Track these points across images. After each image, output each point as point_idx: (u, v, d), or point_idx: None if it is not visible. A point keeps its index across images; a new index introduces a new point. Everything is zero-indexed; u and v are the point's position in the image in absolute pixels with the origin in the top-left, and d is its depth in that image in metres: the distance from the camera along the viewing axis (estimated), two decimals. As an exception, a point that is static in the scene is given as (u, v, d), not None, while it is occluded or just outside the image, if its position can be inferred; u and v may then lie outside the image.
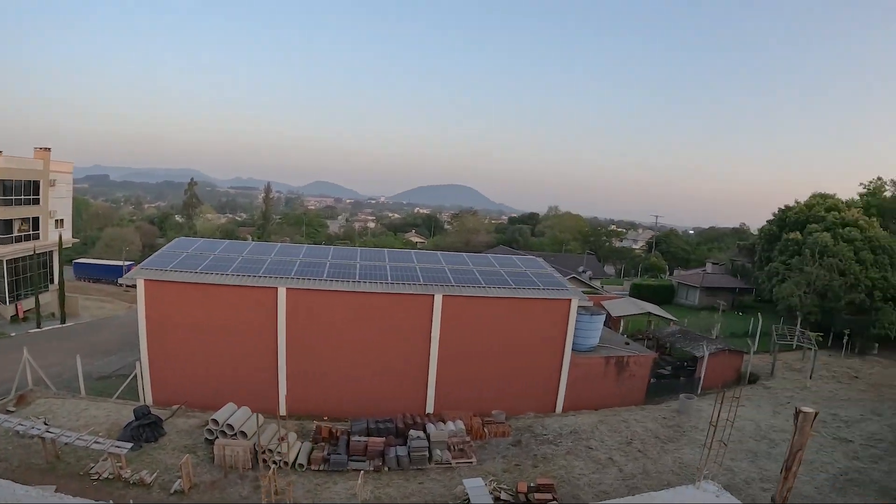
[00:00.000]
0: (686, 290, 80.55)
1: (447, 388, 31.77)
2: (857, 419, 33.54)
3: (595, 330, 36.35)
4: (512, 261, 39.78)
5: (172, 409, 28.27)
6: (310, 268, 32.48)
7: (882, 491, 24.39)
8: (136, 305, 29.89)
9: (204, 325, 29.35)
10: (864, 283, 51.72)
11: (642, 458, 26.49)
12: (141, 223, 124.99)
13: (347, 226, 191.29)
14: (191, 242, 36.06)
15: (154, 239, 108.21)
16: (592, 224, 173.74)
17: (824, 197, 65.91)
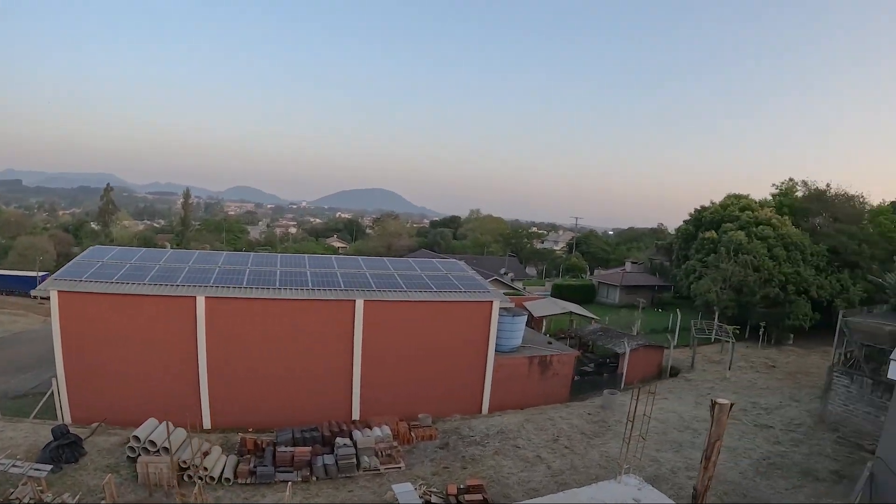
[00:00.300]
0: (606, 289, 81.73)
1: (372, 393, 30.92)
2: (777, 406, 34.22)
3: (517, 331, 36.03)
4: (433, 264, 39.26)
5: (92, 427, 26.46)
6: (229, 275, 31.18)
7: (804, 472, 24.79)
8: (50, 318, 28.12)
9: (121, 338, 27.65)
10: (778, 277, 53.09)
11: (569, 454, 26.28)
12: (55, 231, 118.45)
13: (268, 231, 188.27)
14: (106, 251, 34.20)
15: (69, 248, 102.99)
16: (514, 226, 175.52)
17: (738, 197, 67.64)
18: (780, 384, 39.65)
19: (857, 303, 51.23)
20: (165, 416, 24.60)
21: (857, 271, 56.21)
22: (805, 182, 69.96)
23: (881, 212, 65.49)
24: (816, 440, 28.71)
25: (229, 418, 28.72)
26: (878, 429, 26.34)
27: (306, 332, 29.79)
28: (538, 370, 35.22)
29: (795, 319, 52.49)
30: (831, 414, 31.09)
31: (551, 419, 30.93)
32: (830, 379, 31.56)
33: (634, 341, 41.83)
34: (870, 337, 30.79)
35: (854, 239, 57.56)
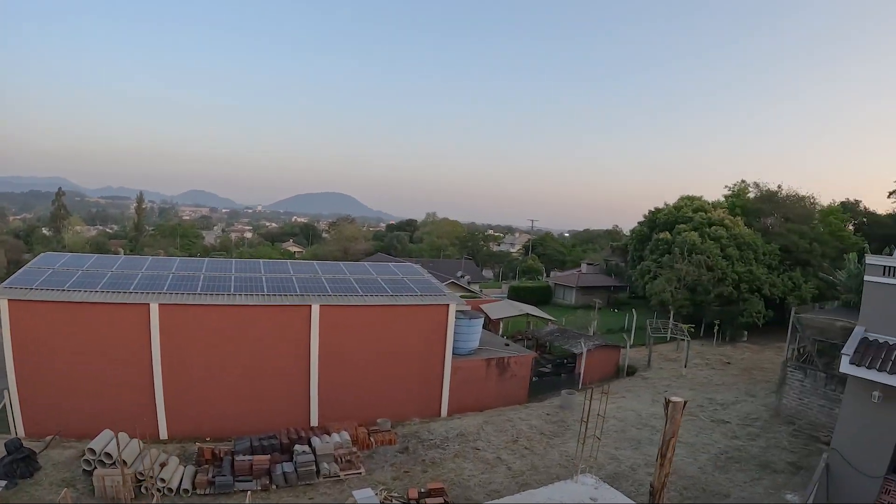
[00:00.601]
0: (563, 290, 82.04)
1: (330, 399, 30.35)
2: (733, 401, 34.48)
3: (474, 333, 35.83)
4: (389, 268, 38.89)
5: (46, 440, 25.34)
6: (183, 281, 30.32)
7: (761, 465, 24.98)
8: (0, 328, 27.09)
9: (74, 347, 26.60)
10: (731, 276, 53.92)
11: (530, 455, 26.07)
12: (5, 237, 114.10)
13: (224, 236, 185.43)
14: (58, 258, 33.06)
15: (21, 254, 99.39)
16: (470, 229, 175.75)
17: (692, 199, 68.44)
18: (735, 380, 40.03)
19: (809, 300, 52.20)
20: (121, 426, 23.78)
21: (808, 269, 57.35)
22: (757, 183, 71.38)
23: (831, 212, 66.94)
24: (773, 433, 28.95)
25: (186, 428, 27.90)
26: (832, 421, 26.68)
27: (262, 339, 29.14)
28: (496, 372, 35.01)
29: (749, 317, 53.35)
30: (786, 408, 31.44)
31: (510, 420, 30.72)
32: (785, 374, 31.91)
33: (591, 341, 41.85)
34: (821, 332, 31.21)
35: (805, 238, 58.68)
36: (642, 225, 72.12)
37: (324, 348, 29.97)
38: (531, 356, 37.44)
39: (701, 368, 43.71)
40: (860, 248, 53.59)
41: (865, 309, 20.93)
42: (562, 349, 43.79)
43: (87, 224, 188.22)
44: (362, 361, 31.01)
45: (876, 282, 20.45)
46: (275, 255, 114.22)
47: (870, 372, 18.95)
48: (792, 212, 64.13)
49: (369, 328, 31.21)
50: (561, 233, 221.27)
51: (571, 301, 77.76)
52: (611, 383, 39.26)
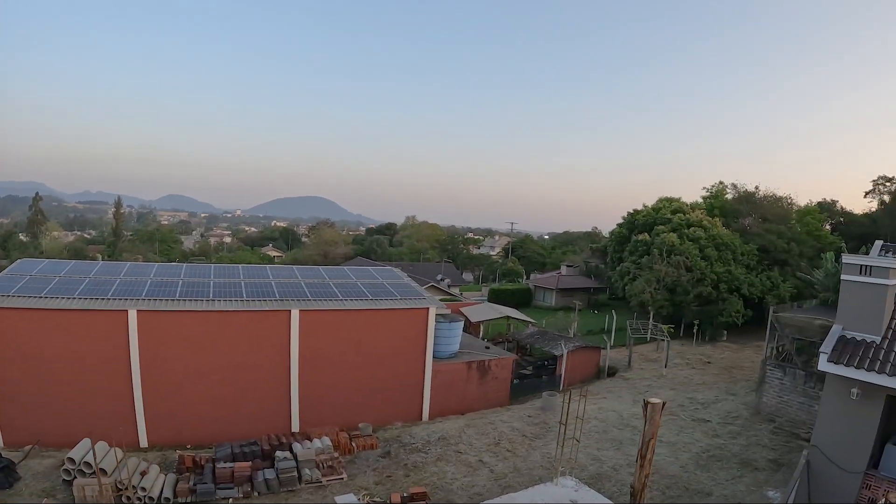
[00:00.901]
0: (543, 292, 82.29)
1: (311, 404, 30.13)
2: (713, 400, 34.63)
3: (454, 336, 35.79)
4: (368, 272, 38.76)
5: (25, 450, 24.86)
6: (161, 287, 30.03)
7: (743, 463, 25.06)
8: None
9: (53, 355, 26.10)
10: (710, 277, 54.26)
11: (512, 457, 25.97)
12: None
13: (203, 241, 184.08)
14: (35, 264, 32.62)
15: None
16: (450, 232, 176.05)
17: (670, 200, 68.93)
18: (715, 379, 40.24)
19: (788, 299, 52.59)
20: (101, 435, 23.47)
21: (786, 269, 57.90)
22: (735, 184, 72.11)
23: (808, 212, 67.64)
24: (753, 431, 29.09)
25: (166, 435, 27.55)
26: (812, 417, 26.88)
27: (242, 344, 28.86)
28: (477, 375, 34.95)
29: (728, 316, 53.71)
30: (766, 405, 31.60)
31: (492, 423, 30.62)
32: (764, 372, 32.08)
33: (572, 343, 41.88)
34: (800, 331, 31.46)
35: (783, 238, 59.19)
36: (621, 227, 72.37)
37: (304, 353, 29.75)
38: (512, 359, 37.48)
39: (681, 368, 43.91)
40: (837, 248, 54.15)
41: (843, 307, 21.05)
42: (542, 351, 43.82)
43: (64, 229, 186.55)
44: (343, 366, 30.81)
45: (853, 281, 20.58)
46: (254, 259, 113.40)
47: (848, 369, 19.06)
48: (769, 212, 64.71)
49: (349, 333, 31.02)
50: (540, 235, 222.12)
51: (551, 303, 78.02)
52: (592, 384, 39.35)
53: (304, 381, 29.92)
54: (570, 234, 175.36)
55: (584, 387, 34.68)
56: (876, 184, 73.73)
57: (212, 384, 28.36)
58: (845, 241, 60.03)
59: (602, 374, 42.69)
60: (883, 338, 19.70)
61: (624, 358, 46.43)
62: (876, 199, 73.48)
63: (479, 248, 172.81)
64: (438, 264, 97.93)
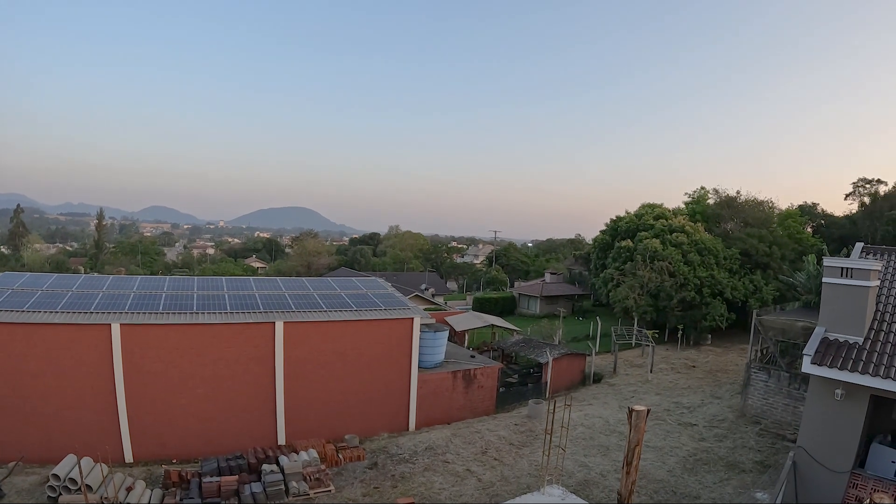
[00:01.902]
0: (527, 300, 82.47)
1: (297, 416, 29.97)
2: (699, 404, 34.69)
3: (439, 346, 35.78)
4: (353, 283, 38.68)
5: (9, 466, 24.50)
6: (145, 300, 29.79)
7: (729, 465, 25.08)
8: None
9: (35, 370, 25.78)
10: (693, 281, 54.50)
11: (499, 466, 25.85)
12: None
13: (186, 253, 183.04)
14: (16, 277, 32.31)
15: None
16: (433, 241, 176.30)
17: (652, 206, 69.28)
18: (700, 383, 40.37)
19: (770, 302, 53.03)
20: (85, 450, 23.25)
21: (768, 272, 58.26)
22: (716, 190, 72.51)
23: (789, 215, 68.17)
24: (739, 434, 29.15)
25: (152, 450, 27.29)
26: (797, 419, 26.99)
27: (227, 357, 28.67)
28: (463, 384, 34.91)
29: (712, 320, 54.05)
30: (752, 408, 31.69)
31: (479, 432, 30.51)
32: (749, 375, 32.18)
33: (557, 350, 41.95)
34: (783, 333, 31.56)
35: (764, 241, 59.51)
36: (604, 233, 72.55)
37: (289, 365, 29.63)
38: (497, 367, 37.39)
39: (666, 373, 44.00)
40: (818, 250, 54.54)
41: (825, 309, 21.19)
42: (528, 359, 43.87)
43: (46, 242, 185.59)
44: (328, 377, 30.71)
45: (834, 283, 20.73)
46: (238, 271, 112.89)
47: (831, 371, 19.17)
48: (751, 216, 65.15)
49: (334, 344, 30.93)
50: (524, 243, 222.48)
51: (536, 310, 78.14)
52: (577, 391, 39.35)
53: (290, 394, 29.77)
54: (553, 241, 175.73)
55: (569, 395, 34.70)
56: (856, 186, 74.62)
57: (197, 397, 28.13)
58: (826, 243, 60.50)
59: (588, 380, 42.73)
60: (865, 339, 19.85)
61: (609, 364, 46.53)
62: (856, 202, 74.34)
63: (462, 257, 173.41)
64: (422, 274, 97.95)
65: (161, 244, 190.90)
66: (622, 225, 68.22)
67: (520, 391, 39.37)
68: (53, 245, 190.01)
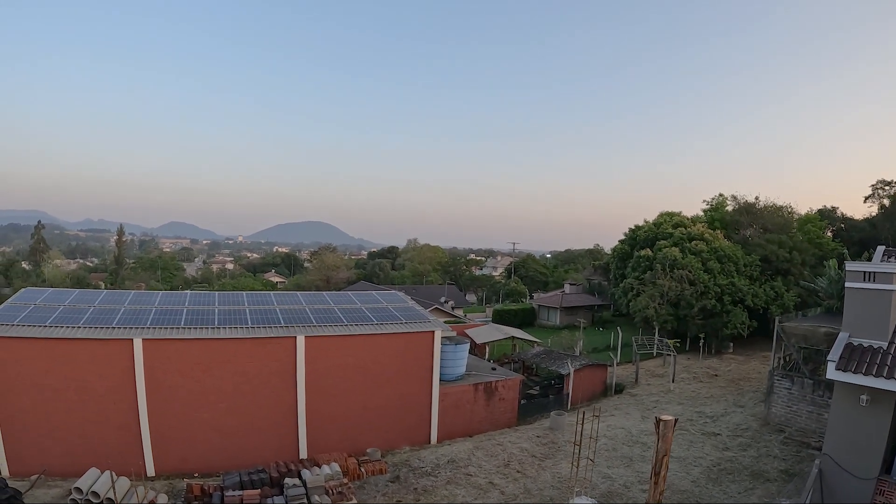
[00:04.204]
0: (547, 311, 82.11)
1: (319, 430, 30.05)
2: (722, 413, 34.42)
3: (461, 359, 35.75)
4: (373, 297, 38.78)
5: (31, 479, 24.73)
6: (166, 315, 30.07)
7: (754, 475, 24.89)
8: None
9: (58, 384, 26.07)
10: (714, 289, 54.09)
11: (522, 478, 25.74)
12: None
13: (205, 268, 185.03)
14: (39, 293, 32.73)
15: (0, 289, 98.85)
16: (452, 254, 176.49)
17: (671, 215, 68.93)
18: (723, 392, 40.05)
19: (792, 308, 52.57)
20: (108, 464, 23.38)
21: (789, 278, 57.78)
22: (735, 196, 72.19)
23: (809, 219, 67.71)
24: (763, 443, 28.92)
25: (173, 464, 27.44)
26: (822, 426, 26.75)
27: (248, 372, 28.83)
28: (484, 396, 34.86)
29: (733, 328, 53.55)
30: (775, 416, 31.45)
31: (501, 444, 30.44)
32: (772, 382, 31.96)
33: (578, 361, 41.78)
34: (806, 339, 31.37)
35: (784, 247, 59.00)
36: (623, 243, 72.40)
37: (310, 379, 29.72)
38: (518, 379, 37.31)
39: (688, 382, 43.71)
40: (839, 255, 54.13)
41: (848, 314, 21.04)
42: (548, 370, 43.69)
43: (67, 257, 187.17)
44: (350, 391, 30.76)
45: (857, 287, 20.59)
46: (257, 286, 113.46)
47: (856, 376, 19.02)
48: (770, 222, 64.81)
49: (355, 358, 31.00)
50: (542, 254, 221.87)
51: (556, 322, 77.85)
52: (599, 402, 39.12)
53: (312, 407, 29.86)
54: (571, 251, 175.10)
55: (596, 406, 34.52)
56: (875, 188, 73.82)
57: (219, 412, 28.29)
58: (846, 246, 60.04)
59: (609, 391, 42.53)
60: (890, 343, 19.69)
61: (630, 374, 46.36)
62: (876, 204, 73.49)
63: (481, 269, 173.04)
64: (441, 287, 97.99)
65: (180, 259, 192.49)
66: (641, 234, 68.04)
67: (541, 403, 39.23)
68: (74, 261, 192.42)
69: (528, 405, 38.32)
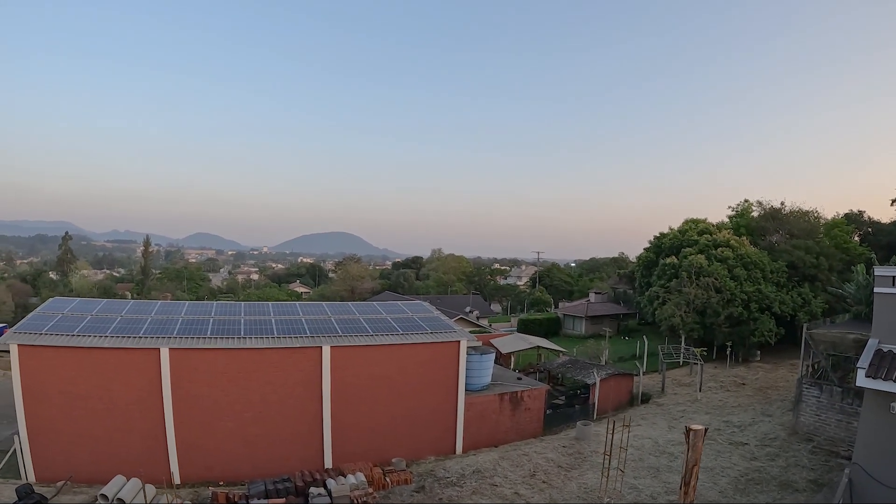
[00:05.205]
0: (572, 320, 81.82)
1: (344, 440, 30.19)
2: (750, 422, 34.04)
3: (486, 369, 35.73)
4: (398, 307, 38.94)
5: (58, 485, 25.04)
6: (193, 325, 30.47)
7: (782, 485, 24.56)
8: (10, 373, 26.70)
9: (85, 392, 26.56)
10: (740, 297, 53.67)
11: (548, 489, 25.63)
12: (13, 281, 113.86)
13: (230, 279, 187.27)
14: (67, 303, 33.28)
15: (27, 298, 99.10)
16: (476, 264, 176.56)
17: (696, 221, 68.53)
18: (750, 401, 39.62)
19: (820, 314, 51.95)
20: (133, 471, 23.72)
21: (816, 284, 57.09)
22: (760, 202, 71.48)
23: (835, 224, 66.87)
24: (792, 452, 28.56)
25: (199, 471, 27.70)
26: (851, 435, 26.37)
27: (274, 381, 29.09)
28: (510, 406, 34.83)
29: (760, 336, 53.05)
30: (804, 425, 31.07)
31: (526, 454, 30.33)
32: (800, 391, 31.61)
33: (604, 371, 41.64)
34: (834, 346, 31.00)
35: (811, 253, 58.34)
36: (648, 251, 72.13)
37: (336, 389, 29.90)
38: (544, 389, 37.26)
39: (715, 391, 43.33)
40: (867, 259, 53.48)
41: (878, 320, 20.80)
42: (574, 380, 43.55)
43: (93, 268, 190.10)
44: (375, 401, 30.93)
45: (886, 293, 20.37)
46: (282, 296, 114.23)
47: (887, 384, 18.80)
48: (796, 227, 64.14)
49: (381, 368, 31.20)
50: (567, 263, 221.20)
51: (581, 331, 77.57)
52: (625, 411, 38.89)
53: (337, 417, 30.03)
54: (596, 260, 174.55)
55: (625, 412, 34.30)
56: (902, 191, 72.85)
57: (244, 421, 28.54)
58: (874, 251, 59.28)
59: (636, 400, 42.32)
60: (920, 350, 19.43)
61: (657, 383, 46.09)
62: (903, 207, 72.53)
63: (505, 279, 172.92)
64: (466, 296, 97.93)
65: (206, 270, 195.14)
66: (666, 241, 67.69)
67: (567, 413, 39.06)
68: (100, 271, 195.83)
69: (553, 415, 38.22)
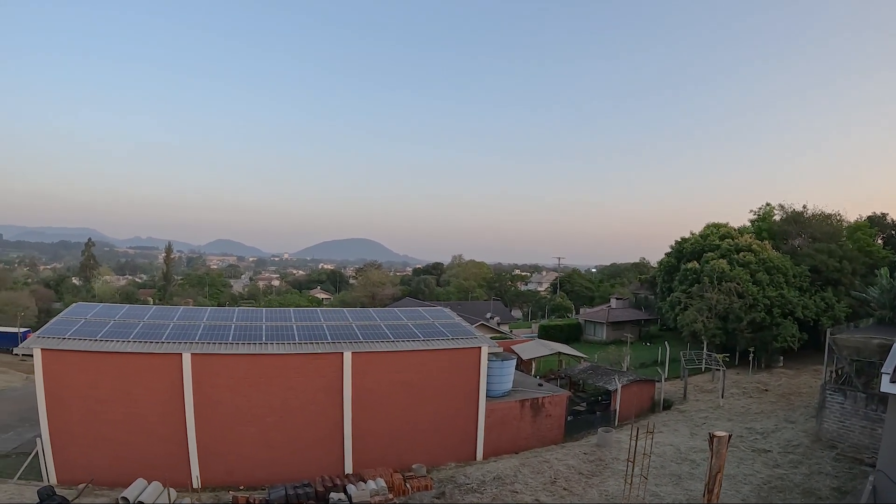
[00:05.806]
0: (593, 326, 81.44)
1: (364, 445, 30.37)
2: (772, 429, 33.80)
3: (507, 375, 35.77)
4: (419, 313, 39.11)
5: (79, 488, 25.37)
6: (215, 331, 30.82)
7: (805, 493, 24.35)
8: (33, 376, 27.14)
9: (107, 396, 26.95)
10: (763, 302, 53.23)
11: (569, 496, 25.60)
12: (36, 286, 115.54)
13: (252, 285, 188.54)
14: (89, 308, 33.75)
15: (50, 303, 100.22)
16: (496, 270, 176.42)
17: (717, 226, 68.19)
18: (773, 407, 39.33)
19: (843, 319, 51.48)
20: (154, 475, 24.02)
21: (839, 288, 56.68)
22: (782, 205, 71.05)
23: (858, 227, 66.27)
24: (815, 459, 28.32)
25: (219, 476, 28.00)
26: (875, 442, 26.13)
27: (295, 386, 29.34)
28: (530, 413, 34.84)
29: (783, 341, 52.49)
30: (827, 431, 30.79)
31: (547, 461, 30.29)
32: (824, 397, 31.34)
33: (625, 377, 41.52)
34: (858, 352, 30.74)
35: (834, 256, 57.86)
36: (669, 256, 71.69)
37: (357, 395, 30.11)
38: (565, 395, 37.23)
39: (738, 398, 43.03)
40: (891, 262, 52.94)
41: (902, 324, 20.65)
42: (595, 386, 43.40)
43: (116, 274, 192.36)
44: (396, 407, 31.09)
45: (910, 296, 20.22)
46: (303, 302, 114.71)
47: (911, 389, 18.64)
48: (819, 231, 63.62)
49: (402, 374, 31.35)
50: (588, 268, 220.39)
51: (602, 337, 77.24)
52: (647, 418, 38.73)
53: (357, 423, 30.22)
54: (617, 265, 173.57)
55: (646, 418, 34.15)
56: (925, 191, 72.11)
57: (265, 426, 28.79)
58: (898, 253, 58.73)
59: (657, 407, 42.13)
60: (945, 355, 19.25)
61: (679, 390, 45.87)
62: (926, 207, 71.75)
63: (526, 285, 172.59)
64: (487, 302, 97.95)
65: (227, 276, 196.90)
66: (687, 246, 67.30)
67: (588, 419, 38.93)
68: (123, 277, 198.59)
69: (574, 421, 38.07)
